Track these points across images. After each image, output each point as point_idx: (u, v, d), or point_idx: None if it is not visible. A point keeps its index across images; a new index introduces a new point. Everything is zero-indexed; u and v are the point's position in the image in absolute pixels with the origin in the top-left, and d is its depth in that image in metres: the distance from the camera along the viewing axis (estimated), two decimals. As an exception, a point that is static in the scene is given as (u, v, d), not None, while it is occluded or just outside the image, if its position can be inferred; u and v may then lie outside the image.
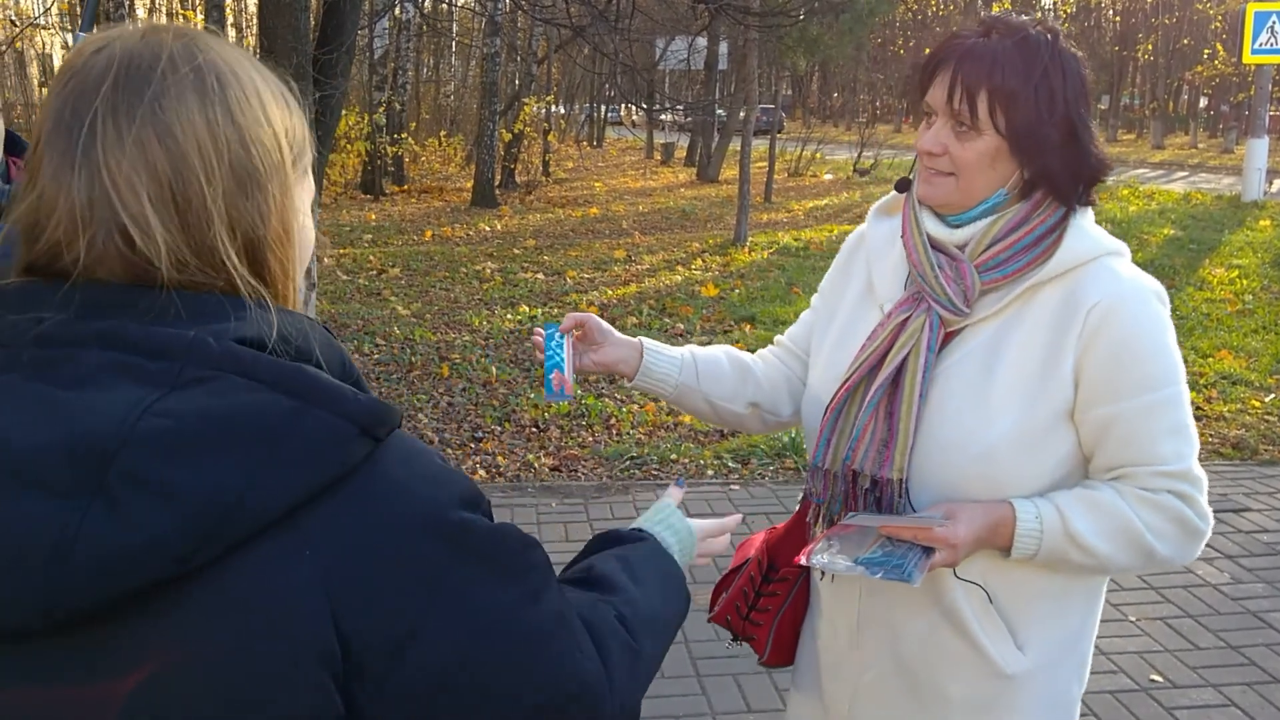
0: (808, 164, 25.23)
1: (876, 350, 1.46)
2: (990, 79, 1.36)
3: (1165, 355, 1.38)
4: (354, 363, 0.92)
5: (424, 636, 0.83)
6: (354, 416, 0.81)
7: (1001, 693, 1.48)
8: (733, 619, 1.75)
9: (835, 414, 1.49)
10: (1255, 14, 16.24)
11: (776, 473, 5.13)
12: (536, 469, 5.16)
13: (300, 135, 0.92)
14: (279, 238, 0.88)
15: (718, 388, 1.68)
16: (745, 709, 3.14)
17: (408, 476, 0.85)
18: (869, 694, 1.57)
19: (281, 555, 0.79)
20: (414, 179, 20.92)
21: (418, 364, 6.85)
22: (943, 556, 1.35)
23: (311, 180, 0.96)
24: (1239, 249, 11.72)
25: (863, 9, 17.61)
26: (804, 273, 10.50)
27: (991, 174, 1.40)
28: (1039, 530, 1.37)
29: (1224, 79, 34.84)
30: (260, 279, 0.86)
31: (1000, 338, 1.42)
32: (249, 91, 0.86)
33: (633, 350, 1.65)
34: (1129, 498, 1.38)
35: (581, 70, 26.43)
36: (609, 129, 39.53)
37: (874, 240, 1.60)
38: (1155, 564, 1.43)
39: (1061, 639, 1.50)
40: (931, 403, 1.43)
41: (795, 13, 12.65)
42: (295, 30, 7.52)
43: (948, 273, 1.43)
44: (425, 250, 11.97)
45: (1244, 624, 3.68)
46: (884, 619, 1.52)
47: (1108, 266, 1.40)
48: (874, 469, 1.44)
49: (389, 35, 18.99)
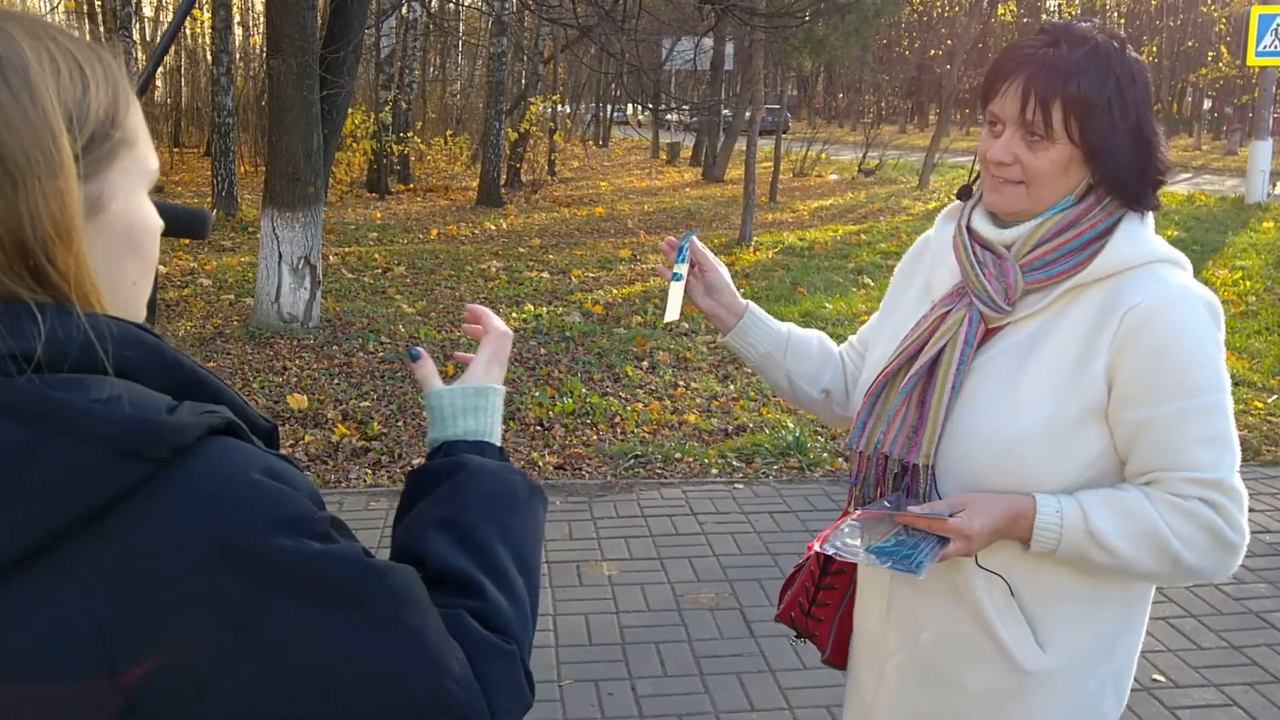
0: (813, 164, 25.21)
1: (917, 340, 1.50)
2: (1065, 89, 1.36)
3: (1207, 362, 1.36)
4: (198, 366, 0.84)
5: (230, 680, 0.76)
6: (106, 440, 0.73)
7: (1020, 689, 1.47)
8: (796, 616, 1.77)
9: (873, 399, 1.53)
10: (1259, 17, 16.22)
11: (780, 471, 5.15)
12: (541, 467, 5.18)
13: (104, 110, 0.81)
14: (56, 236, 0.76)
15: (800, 367, 1.75)
16: (749, 708, 3.16)
17: (203, 499, 0.76)
18: (892, 683, 1.58)
19: (38, 596, 0.73)
20: (420, 178, 20.94)
21: (423, 362, 6.87)
22: (957, 547, 1.37)
23: (142, 153, 0.85)
24: (1242, 251, 11.72)
25: (869, 10, 17.59)
26: (808, 272, 10.51)
27: (1064, 181, 1.42)
28: (1059, 524, 1.37)
29: (1228, 81, 34.79)
30: (41, 282, 0.77)
31: (1038, 336, 1.43)
32: (9, 71, 0.76)
33: (738, 306, 1.73)
34: (1157, 502, 1.38)
35: (588, 70, 26.44)
36: (615, 128, 39.51)
37: (939, 241, 1.62)
38: (1184, 572, 1.40)
39: (1091, 645, 1.48)
40: (964, 394, 1.45)
41: (801, 14, 12.64)
42: (302, 29, 7.56)
43: (991, 270, 1.45)
44: (430, 249, 11.99)
45: (1246, 624, 3.69)
46: (910, 604, 1.54)
47: (1155, 273, 1.40)
48: (902, 454, 1.47)
49: (395, 34, 19.02)
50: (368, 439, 5.45)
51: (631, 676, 3.31)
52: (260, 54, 20.58)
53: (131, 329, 0.81)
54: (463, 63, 31.52)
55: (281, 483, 0.81)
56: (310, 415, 5.78)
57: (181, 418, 0.77)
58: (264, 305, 7.62)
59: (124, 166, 0.83)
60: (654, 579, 3.97)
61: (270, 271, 7.60)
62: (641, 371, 6.84)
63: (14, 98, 0.75)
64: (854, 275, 10.45)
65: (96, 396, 0.75)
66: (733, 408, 6.12)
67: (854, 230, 14.26)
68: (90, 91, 0.80)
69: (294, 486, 0.82)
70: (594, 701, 3.17)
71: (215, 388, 0.85)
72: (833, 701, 3.16)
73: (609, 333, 7.83)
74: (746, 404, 6.18)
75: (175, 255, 10.78)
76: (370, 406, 5.94)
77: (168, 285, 9.13)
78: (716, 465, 5.23)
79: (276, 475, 0.81)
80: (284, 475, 0.82)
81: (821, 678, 3.26)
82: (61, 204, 0.77)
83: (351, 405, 5.95)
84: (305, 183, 7.60)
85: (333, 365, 6.78)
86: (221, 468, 0.78)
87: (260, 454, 0.82)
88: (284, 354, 6.99)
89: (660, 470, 5.18)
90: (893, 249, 12.17)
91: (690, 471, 5.16)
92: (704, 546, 4.26)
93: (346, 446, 5.34)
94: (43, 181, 0.75)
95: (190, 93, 28.35)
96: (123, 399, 0.75)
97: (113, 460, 0.73)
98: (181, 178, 20.33)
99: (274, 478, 0.80)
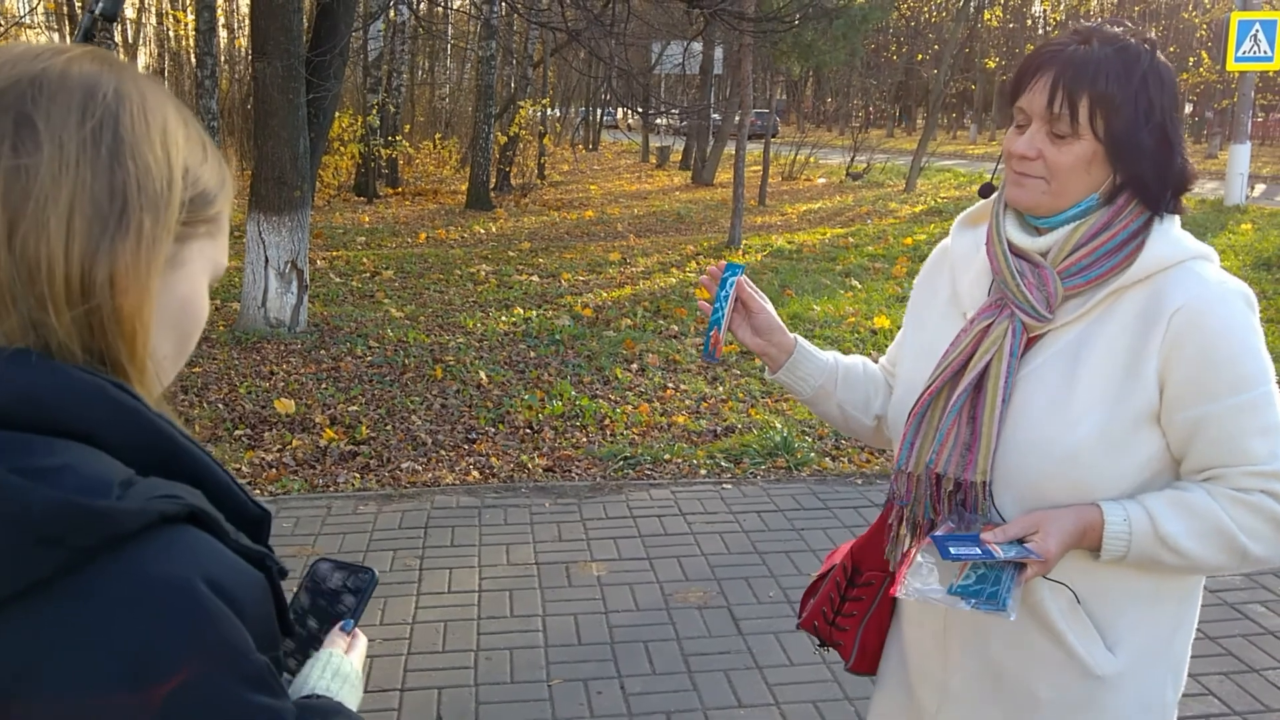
0: (802, 168, 25.29)
1: (960, 356, 1.48)
2: (1093, 85, 1.37)
3: (1254, 356, 1.38)
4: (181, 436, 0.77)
5: None
6: (25, 521, 0.65)
7: (1093, 694, 1.47)
8: (819, 624, 1.76)
9: (919, 418, 1.51)
10: (1239, 23, 16.41)
11: (768, 472, 5.17)
12: (530, 469, 5.19)
13: (212, 183, 0.82)
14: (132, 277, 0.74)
15: (851, 395, 1.71)
16: (736, 705, 3.17)
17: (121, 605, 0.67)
18: (958, 697, 1.57)
19: None
20: (408, 181, 20.94)
21: (411, 366, 6.88)
22: (1035, 570, 1.36)
23: (221, 245, 0.84)
24: (1222, 252, 11.69)
25: (856, 15, 17.67)
26: (797, 275, 10.55)
27: (1086, 178, 1.42)
28: (1128, 533, 1.37)
29: (1208, 86, 35.04)
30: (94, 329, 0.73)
31: (1083, 342, 1.42)
32: (150, 111, 0.79)
33: (787, 344, 1.68)
34: (1221, 498, 1.38)
35: (577, 74, 26.46)
36: (604, 132, 39.55)
37: (958, 251, 1.61)
38: (1249, 564, 1.42)
39: (1154, 641, 1.49)
40: (1014, 406, 1.44)
41: (789, 19, 12.69)
42: (288, 31, 7.54)
43: (1030, 279, 1.44)
44: (419, 253, 11.99)
45: (1222, 615, 3.73)
46: (971, 621, 1.51)
47: (1193, 270, 1.40)
48: (957, 472, 1.45)
49: (383, 37, 19.00)
50: (356, 443, 5.45)
51: (620, 675, 3.32)
52: (245, 56, 20.53)
53: (106, 386, 0.73)
54: (451, 66, 31.51)
55: (229, 601, 0.71)
56: (298, 420, 5.77)
57: (128, 503, 0.68)
58: (251, 310, 7.61)
59: (204, 246, 0.83)
60: (642, 579, 3.99)
61: (257, 276, 7.59)
62: (631, 374, 6.86)
63: (148, 132, 0.77)
64: (842, 278, 10.50)
65: (35, 464, 0.67)
66: (721, 409, 6.14)
67: (842, 233, 14.31)
68: (207, 163, 0.83)
69: (241, 611, 0.72)
70: (583, 700, 3.18)
71: (196, 463, 0.77)
72: (820, 697, 3.18)
73: (598, 335, 7.85)
74: (735, 405, 6.20)
75: (163, 259, 10.74)
76: (358, 411, 5.95)
77: (155, 289, 9.09)
78: (705, 466, 5.25)
79: (224, 591, 0.71)
80: (234, 591, 0.72)
81: (809, 674, 3.28)
82: (153, 245, 0.75)
83: (339, 410, 5.95)
84: (292, 187, 7.59)
85: (320, 370, 6.78)
86: (158, 568, 0.69)
87: (218, 558, 0.74)
88: (271, 359, 6.98)
89: (649, 471, 5.19)
90: (880, 251, 12.22)
91: (679, 472, 5.18)
92: (692, 546, 4.28)
93: (334, 451, 5.34)
94: (144, 214, 0.74)
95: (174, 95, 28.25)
96: (68, 469, 0.67)
97: (29, 545, 0.65)
98: (169, 182, 20.24)
99: (220, 593, 0.71)
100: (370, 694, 3.21)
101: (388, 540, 4.30)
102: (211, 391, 6.20)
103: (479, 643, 3.51)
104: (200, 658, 0.68)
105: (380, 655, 3.43)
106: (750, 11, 11.26)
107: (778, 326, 1.67)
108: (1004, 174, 1.50)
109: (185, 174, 0.79)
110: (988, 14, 41.98)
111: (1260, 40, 16.23)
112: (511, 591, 3.87)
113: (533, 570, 4.04)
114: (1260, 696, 3.23)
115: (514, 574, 4.01)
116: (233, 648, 0.70)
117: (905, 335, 1.70)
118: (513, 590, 3.88)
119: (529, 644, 3.50)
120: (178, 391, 6.16)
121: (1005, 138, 1.49)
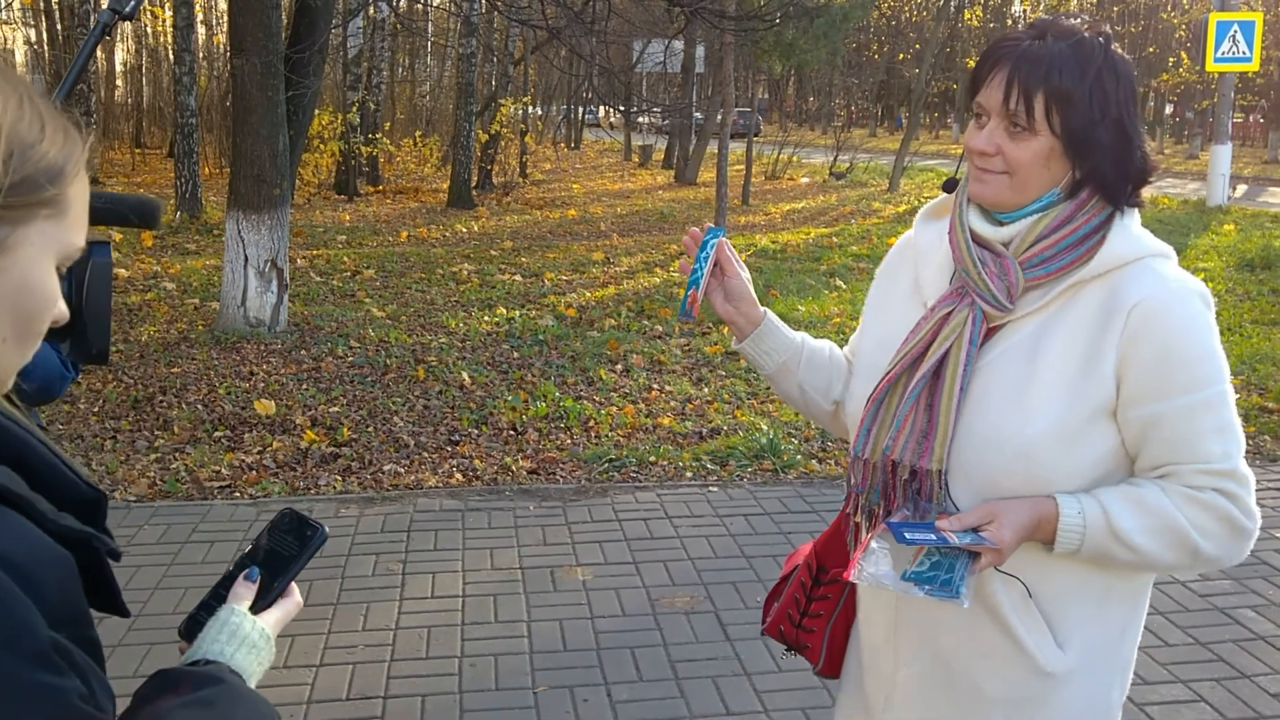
0: (784, 167, 25.31)
1: (919, 343, 1.48)
2: (1047, 80, 1.37)
3: (1209, 355, 1.39)
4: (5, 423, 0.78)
5: None
6: None
7: (1040, 691, 1.47)
8: (785, 628, 1.74)
9: (876, 404, 1.51)
10: (1217, 23, 16.53)
11: (755, 474, 5.14)
12: (514, 472, 5.14)
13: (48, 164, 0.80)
14: None
15: (813, 377, 1.70)
16: (724, 712, 3.13)
17: None
18: (905, 691, 1.56)
19: None
20: (389, 179, 20.82)
21: (393, 366, 6.81)
22: (989, 559, 1.36)
23: (69, 226, 0.82)
24: (1204, 253, 11.88)
25: (837, 14, 17.68)
26: (781, 275, 10.53)
27: (1045, 173, 1.42)
28: (1082, 526, 1.38)
29: (1188, 86, 35.32)
30: None
31: (1042, 334, 1.43)
32: None
33: (756, 315, 1.66)
34: (1174, 496, 1.39)
35: (559, 72, 26.37)
36: (586, 131, 39.48)
37: (921, 242, 1.61)
38: (1201, 563, 1.43)
39: (1102, 641, 1.50)
40: (972, 396, 1.44)
41: (770, 17, 12.67)
42: (266, 28, 7.46)
43: (992, 268, 1.44)
44: (400, 251, 11.91)
45: (1212, 620, 3.72)
46: (923, 614, 1.52)
47: (1151, 268, 1.41)
48: (913, 459, 1.45)
49: (363, 34, 18.89)
50: (337, 445, 5.39)
51: (607, 682, 3.28)
52: (224, 53, 20.35)
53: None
54: (432, 64, 31.38)
55: (21, 581, 0.71)
56: (278, 421, 5.70)
57: None
58: (230, 309, 7.53)
59: (45, 228, 0.81)
60: (629, 583, 3.94)
61: (236, 275, 7.51)
62: (615, 375, 6.82)
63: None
64: (826, 277, 10.49)
65: None
66: (707, 410, 6.10)
67: (825, 233, 14.31)
68: (43, 144, 0.80)
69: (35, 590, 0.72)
70: (569, 708, 3.14)
71: (18, 443, 0.77)
72: (808, 704, 3.15)
73: (582, 336, 7.80)
74: (720, 407, 6.17)
75: (138, 259, 10.64)
76: (340, 412, 5.88)
77: (130, 290, 9.00)
78: (691, 468, 5.21)
79: (15, 566, 0.71)
80: (27, 567, 0.72)
81: (797, 680, 3.25)
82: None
83: (320, 411, 5.88)
84: (271, 184, 7.51)
85: (301, 370, 6.70)
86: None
87: (16, 533, 0.74)
88: (251, 359, 6.90)
89: (634, 474, 5.15)
90: (864, 251, 12.22)
91: (664, 475, 5.14)
92: (679, 550, 4.24)
93: (315, 453, 5.27)
94: None
95: (152, 92, 28.05)
96: None
97: None
98: (144, 179, 20.10)
99: (12, 571, 0.71)
100: (353, 701, 3.16)
101: (370, 544, 4.24)
102: (190, 392, 6.12)
103: (463, 649, 3.46)
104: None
105: (363, 662, 3.37)
106: (731, 10, 11.23)
107: (749, 297, 1.66)
108: (966, 169, 1.50)
109: (9, 158, 0.77)
110: (968, 13, 42.18)
111: (1239, 41, 16.35)
112: (496, 597, 3.82)
113: (517, 575, 3.99)
114: (1252, 703, 3.21)
115: (498, 579, 3.96)
116: (13, 624, 0.70)
117: (865, 325, 1.70)
118: (497, 595, 3.83)
119: (514, 650, 3.45)
120: (156, 392, 6.07)
121: (967, 133, 1.49)
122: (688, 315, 1.61)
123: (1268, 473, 5.27)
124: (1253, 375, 6.94)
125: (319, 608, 3.71)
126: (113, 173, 20.71)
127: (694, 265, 1.61)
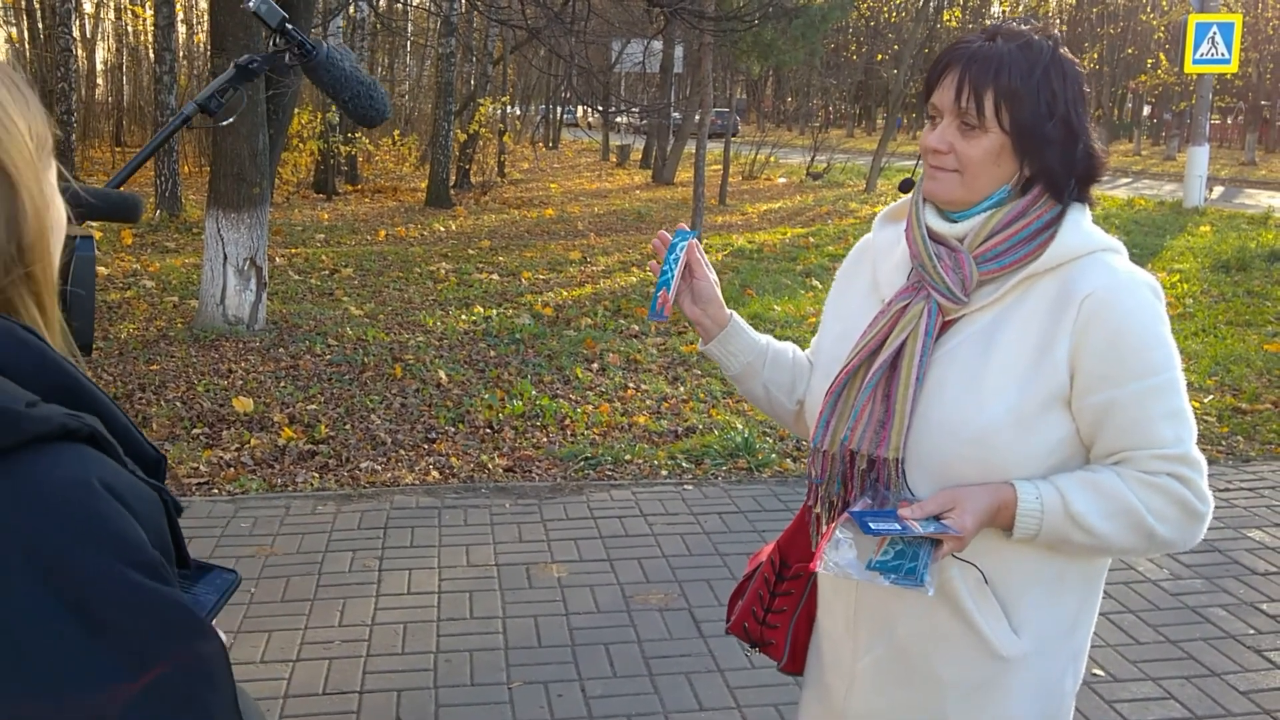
0: (762, 167, 25.38)
1: (876, 336, 1.52)
2: (997, 79, 1.42)
3: (1160, 343, 1.43)
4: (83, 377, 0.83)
5: None
6: None
7: (995, 676, 1.51)
8: (750, 625, 1.76)
9: (835, 396, 1.54)
10: (1196, 25, 16.69)
11: (730, 473, 5.18)
12: (490, 470, 5.16)
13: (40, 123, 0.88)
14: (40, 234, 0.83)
15: (777, 376, 1.74)
16: (698, 708, 3.17)
17: (23, 499, 0.72)
18: (864, 680, 1.59)
19: None
20: (368, 178, 20.75)
21: (370, 365, 6.81)
22: (951, 546, 1.40)
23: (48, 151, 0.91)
24: (1180, 254, 12.00)
25: (816, 15, 17.76)
26: (758, 275, 10.58)
27: (996, 170, 1.46)
28: (1040, 510, 1.41)
29: (1166, 88, 35.58)
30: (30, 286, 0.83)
31: (996, 325, 1.47)
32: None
33: (722, 317, 1.71)
34: (1129, 480, 1.43)
35: (537, 71, 26.36)
36: (565, 130, 39.46)
37: (879, 242, 1.65)
38: (1156, 546, 1.47)
39: (1057, 628, 1.53)
40: (928, 386, 1.48)
41: (749, 18, 12.73)
42: (246, 27, 7.44)
43: (947, 262, 1.48)
44: (379, 250, 11.89)
45: (1183, 619, 3.77)
46: (881, 602, 1.55)
47: (1102, 261, 1.46)
48: (871, 449, 1.48)
49: (343, 34, 18.82)
50: (315, 442, 5.39)
51: (581, 678, 3.31)
52: (204, 52, 20.24)
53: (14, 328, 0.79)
54: (411, 63, 31.28)
55: (123, 504, 0.75)
56: (256, 419, 5.70)
57: (36, 411, 0.73)
58: (209, 307, 7.51)
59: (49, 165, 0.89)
60: (603, 580, 3.97)
61: (215, 273, 7.49)
62: (591, 374, 6.84)
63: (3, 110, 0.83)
64: (802, 277, 10.55)
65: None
66: (682, 409, 6.14)
67: (802, 233, 14.38)
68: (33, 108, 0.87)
69: (135, 513, 0.76)
70: (543, 703, 3.17)
71: (94, 400, 0.82)
72: (781, 700, 3.19)
73: (559, 335, 7.82)
74: (696, 405, 6.21)
75: (118, 256, 10.58)
76: (318, 409, 5.88)
77: (110, 287, 8.95)
78: (666, 467, 5.25)
79: (119, 494, 0.75)
80: (128, 497, 0.76)
81: (770, 677, 3.29)
82: (44, 201, 0.83)
83: (298, 408, 5.88)
84: (250, 183, 7.50)
85: (279, 368, 6.70)
86: (59, 471, 0.73)
87: (115, 471, 0.78)
88: (229, 356, 6.88)
89: (610, 472, 5.18)
90: (840, 251, 12.29)
91: (640, 473, 5.17)
92: (653, 548, 4.27)
93: (293, 450, 5.27)
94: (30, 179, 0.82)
95: (132, 91, 27.83)
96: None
97: None
98: (123, 177, 19.90)
99: (116, 495, 0.75)
100: (329, 696, 3.18)
101: (347, 540, 4.25)
102: (169, 389, 6.10)
103: (439, 645, 3.48)
104: (95, 547, 0.72)
105: (339, 657, 3.39)
106: (710, 10, 11.27)
107: (716, 299, 1.71)
108: (923, 170, 1.55)
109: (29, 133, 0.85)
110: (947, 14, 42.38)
111: (1218, 43, 16.52)
112: (471, 593, 3.84)
113: (493, 571, 4.01)
114: (1221, 701, 3.25)
115: (474, 575, 3.99)
116: (126, 539, 0.74)
117: (825, 323, 1.74)
118: (473, 592, 3.85)
119: (489, 646, 3.48)
120: (135, 389, 6.06)
121: (923, 134, 1.53)
122: (659, 316, 1.65)
123: (1240, 473, 5.34)
124: (1226, 376, 7.02)
125: (296, 603, 3.73)
126: (93, 170, 20.52)
127: (663, 267, 1.65)
